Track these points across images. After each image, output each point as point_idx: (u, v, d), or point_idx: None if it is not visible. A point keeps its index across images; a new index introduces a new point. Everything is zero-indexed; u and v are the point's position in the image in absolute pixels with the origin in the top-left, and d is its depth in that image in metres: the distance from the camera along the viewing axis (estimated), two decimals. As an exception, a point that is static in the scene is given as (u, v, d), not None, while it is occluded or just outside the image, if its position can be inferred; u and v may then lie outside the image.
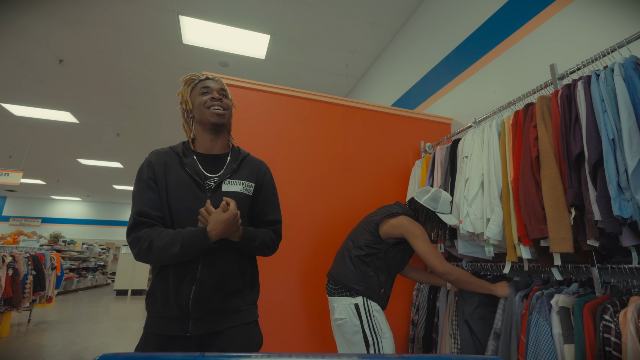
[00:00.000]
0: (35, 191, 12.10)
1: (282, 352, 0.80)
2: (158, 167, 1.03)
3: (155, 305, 0.96)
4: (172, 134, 6.36)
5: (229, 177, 1.05)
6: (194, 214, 0.97)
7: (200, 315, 0.93)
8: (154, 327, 0.95)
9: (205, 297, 0.94)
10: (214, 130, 1.08)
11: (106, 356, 0.41)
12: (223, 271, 0.97)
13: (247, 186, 1.08)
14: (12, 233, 5.65)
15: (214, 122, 1.06)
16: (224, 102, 1.08)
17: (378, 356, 1.07)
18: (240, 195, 1.05)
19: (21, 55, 3.85)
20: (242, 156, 1.13)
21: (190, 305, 0.92)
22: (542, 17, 1.83)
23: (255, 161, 1.16)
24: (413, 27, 3.22)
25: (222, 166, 1.08)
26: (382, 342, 1.35)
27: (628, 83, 1.11)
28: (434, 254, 1.42)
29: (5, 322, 4.17)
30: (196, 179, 1.01)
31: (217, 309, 0.95)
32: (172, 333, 0.92)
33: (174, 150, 1.07)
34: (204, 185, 1.01)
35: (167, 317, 0.94)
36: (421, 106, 2.89)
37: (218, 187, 1.03)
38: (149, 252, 0.91)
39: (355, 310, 1.38)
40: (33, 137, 6.50)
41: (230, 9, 3.17)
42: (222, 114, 1.06)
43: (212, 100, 1.06)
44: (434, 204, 1.57)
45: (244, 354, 0.46)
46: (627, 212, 1.04)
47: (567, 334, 1.13)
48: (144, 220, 0.96)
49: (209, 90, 1.08)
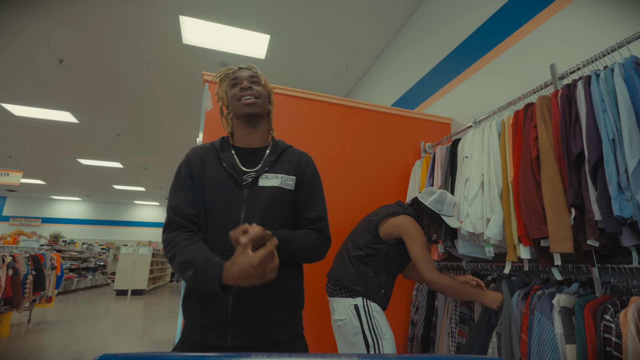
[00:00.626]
0: (35, 191, 12.10)
1: (282, 352, 0.80)
2: (195, 163, 0.99)
3: (193, 312, 0.89)
4: (172, 134, 6.36)
5: (266, 171, 0.98)
6: (229, 212, 0.92)
7: (240, 325, 0.86)
8: (190, 335, 0.89)
9: (245, 305, 0.86)
10: (250, 122, 1.02)
11: (106, 356, 0.41)
12: None
13: (287, 180, 0.99)
14: (12, 233, 5.65)
15: (247, 113, 0.99)
16: (254, 90, 1.01)
17: (378, 356, 1.06)
18: (279, 190, 0.96)
19: (21, 55, 3.85)
20: (281, 148, 1.05)
21: (229, 313, 0.85)
22: (542, 17, 1.83)
23: (296, 152, 1.07)
24: (413, 27, 3.22)
25: (260, 159, 1.01)
26: (382, 343, 1.34)
27: (628, 83, 1.11)
28: (426, 260, 1.42)
29: (5, 322, 4.17)
30: (232, 173, 0.95)
31: (257, 319, 0.87)
32: (211, 343, 0.86)
33: (213, 145, 1.03)
34: (241, 180, 0.95)
35: (205, 326, 0.87)
36: (421, 106, 2.89)
37: (255, 181, 0.96)
38: (172, 263, 0.86)
39: (355, 311, 1.37)
40: (33, 137, 6.50)
41: (230, 9, 3.17)
42: (252, 103, 0.99)
43: (241, 91, 1.00)
44: (439, 206, 1.56)
45: (244, 354, 0.46)
46: (628, 212, 1.04)
47: (569, 334, 1.13)
48: (177, 220, 0.91)
49: (238, 81, 1.02)
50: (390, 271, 1.49)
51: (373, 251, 1.47)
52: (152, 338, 4.26)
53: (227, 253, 0.87)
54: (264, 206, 0.93)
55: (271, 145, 1.05)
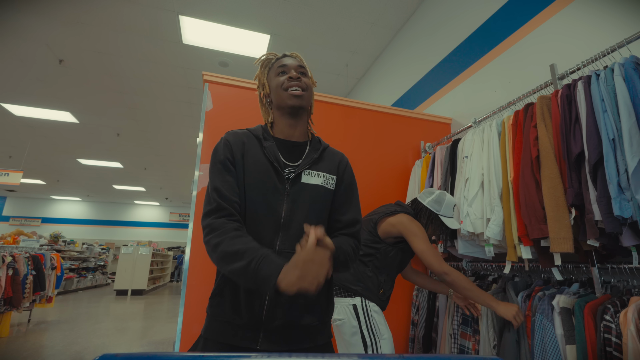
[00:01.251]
0: (35, 191, 12.10)
1: (282, 352, 0.80)
2: (236, 147, 0.92)
3: (223, 308, 0.84)
4: (172, 134, 6.36)
5: (308, 168, 0.93)
6: (270, 205, 0.87)
7: (273, 328, 0.82)
8: (217, 334, 0.83)
9: (280, 307, 0.82)
10: (294, 114, 0.96)
11: (106, 356, 0.41)
12: None
13: (329, 179, 0.95)
14: (12, 233, 5.64)
15: (292, 105, 0.93)
16: (302, 81, 0.95)
17: (378, 356, 1.06)
18: (321, 189, 0.92)
19: (21, 55, 3.85)
20: (323, 146, 1.01)
21: (264, 314, 0.81)
22: (542, 17, 1.83)
23: (335, 152, 1.04)
24: (413, 27, 3.22)
25: (301, 155, 0.96)
26: (380, 343, 1.34)
27: (628, 83, 1.11)
28: (433, 253, 1.41)
29: (5, 322, 4.17)
30: (275, 165, 0.90)
31: (292, 322, 0.83)
32: (240, 344, 0.81)
33: (253, 132, 0.97)
34: (283, 174, 0.90)
35: (236, 325, 0.82)
36: (421, 106, 2.89)
37: (297, 177, 0.91)
38: (215, 250, 0.79)
39: (353, 311, 1.37)
40: (33, 137, 6.50)
41: (230, 9, 3.17)
42: (300, 95, 0.93)
43: (289, 81, 0.94)
44: (437, 206, 1.55)
45: (244, 354, 0.45)
46: (628, 212, 1.04)
47: (569, 335, 1.13)
48: (224, 206, 0.83)
49: (286, 69, 0.96)
50: (390, 271, 1.49)
51: (372, 250, 1.46)
52: (152, 338, 4.26)
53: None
54: (307, 203, 0.89)
55: (312, 142, 1.01)
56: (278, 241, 0.86)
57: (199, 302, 1.53)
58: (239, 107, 1.89)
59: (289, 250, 0.84)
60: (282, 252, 0.84)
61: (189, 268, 1.57)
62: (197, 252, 1.60)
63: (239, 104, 1.89)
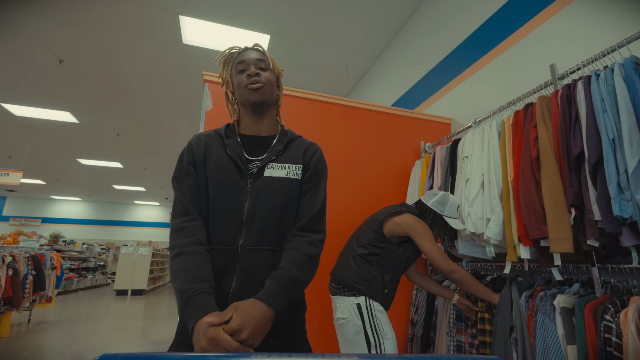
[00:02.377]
0: (35, 191, 12.10)
1: (282, 352, 0.80)
2: (198, 149, 0.93)
3: None
4: (172, 134, 6.36)
5: (272, 160, 0.92)
6: (233, 204, 0.87)
7: None
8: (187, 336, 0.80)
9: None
10: (257, 110, 0.96)
11: (106, 356, 0.41)
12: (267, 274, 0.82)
13: (294, 169, 0.93)
14: (12, 233, 5.65)
15: (254, 101, 0.93)
16: (262, 76, 0.94)
17: (378, 356, 1.06)
18: (285, 180, 0.90)
19: (21, 55, 3.85)
20: (290, 137, 0.98)
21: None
22: (542, 17, 1.83)
23: (305, 142, 1.01)
24: (413, 27, 3.22)
25: (267, 149, 0.95)
26: (384, 342, 1.33)
27: (628, 83, 1.11)
28: (439, 252, 1.42)
29: (5, 322, 4.17)
30: (237, 162, 0.90)
31: None
32: None
33: (217, 132, 0.97)
34: (246, 170, 0.90)
35: None
36: (421, 106, 2.89)
37: (260, 171, 0.90)
38: (171, 261, 0.82)
39: (357, 310, 1.37)
40: (33, 137, 6.50)
41: (230, 9, 3.17)
42: (258, 89, 0.92)
43: (248, 78, 0.93)
44: (441, 207, 1.56)
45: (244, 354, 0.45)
46: (627, 212, 1.04)
47: (570, 335, 1.13)
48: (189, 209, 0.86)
49: (245, 66, 0.95)
50: (395, 271, 1.49)
51: (377, 250, 1.46)
52: (152, 338, 4.27)
53: (227, 248, 0.85)
54: (270, 198, 0.88)
55: (279, 135, 0.99)
56: (241, 238, 0.85)
57: (199, 302, 1.52)
58: (239, 107, 1.89)
59: (251, 246, 0.85)
60: (245, 249, 0.84)
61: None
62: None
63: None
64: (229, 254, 0.85)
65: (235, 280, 0.83)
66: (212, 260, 0.84)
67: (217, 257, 0.85)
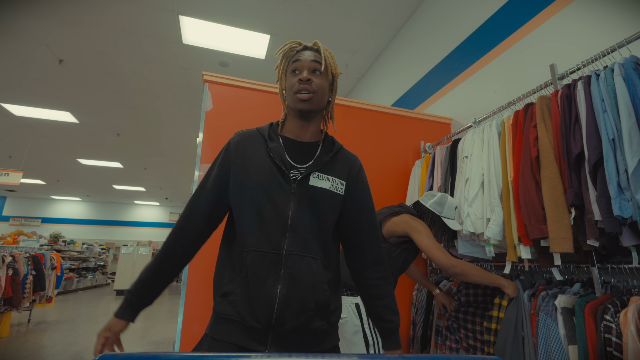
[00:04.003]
0: (35, 191, 12.10)
1: (282, 352, 0.79)
2: (238, 149, 0.91)
3: (235, 307, 0.81)
4: (172, 134, 6.36)
5: (317, 170, 0.89)
6: (276, 205, 0.85)
7: (283, 331, 0.80)
8: (225, 334, 0.81)
9: (291, 311, 0.80)
10: (303, 117, 0.92)
11: (106, 356, 0.41)
12: (310, 281, 0.83)
13: (338, 184, 0.91)
14: (12, 233, 5.65)
15: (300, 109, 0.89)
16: (313, 84, 0.89)
17: (378, 356, 1.06)
18: (328, 193, 0.89)
19: (21, 55, 3.85)
20: (336, 148, 0.95)
21: (274, 317, 0.79)
22: (542, 17, 1.83)
23: (349, 155, 0.98)
24: (413, 27, 3.22)
25: (311, 156, 0.92)
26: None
27: (628, 83, 1.11)
28: (438, 247, 1.41)
29: (5, 322, 4.17)
30: (281, 166, 0.87)
31: (302, 326, 0.81)
32: (249, 347, 0.79)
33: (260, 132, 0.94)
34: (289, 175, 0.87)
35: (247, 327, 0.80)
36: (421, 106, 2.89)
37: (305, 179, 0.87)
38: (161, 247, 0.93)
39: (355, 310, 1.37)
40: (33, 137, 6.50)
41: (230, 9, 3.17)
42: (307, 99, 0.88)
43: (299, 84, 0.89)
44: (439, 208, 1.57)
45: (244, 354, 0.45)
46: (627, 212, 1.04)
47: (571, 335, 1.13)
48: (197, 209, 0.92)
49: (298, 67, 0.91)
50: (394, 271, 1.49)
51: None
52: (152, 338, 4.26)
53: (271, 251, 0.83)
54: (314, 205, 0.86)
55: (324, 143, 0.96)
56: (286, 242, 0.83)
57: (199, 302, 1.53)
58: (239, 107, 1.89)
59: (297, 252, 0.83)
60: (290, 254, 0.83)
61: (189, 268, 1.57)
62: (197, 252, 1.60)
63: (239, 104, 1.89)
64: (273, 257, 0.82)
65: (281, 285, 0.81)
66: (254, 263, 0.82)
67: (259, 260, 0.82)
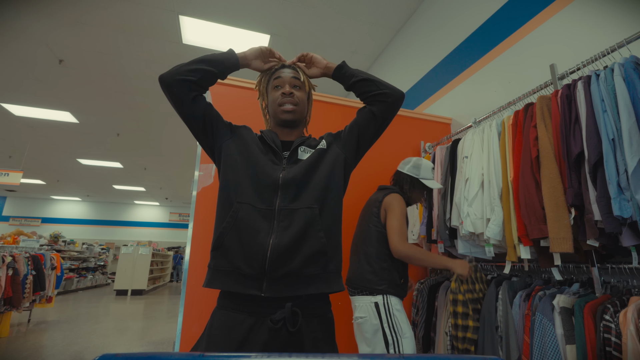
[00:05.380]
0: (35, 191, 12.10)
1: (282, 352, 0.80)
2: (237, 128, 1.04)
3: (227, 259, 0.87)
4: (172, 134, 6.36)
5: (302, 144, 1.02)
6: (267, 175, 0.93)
7: (277, 276, 0.84)
8: (222, 284, 0.87)
9: (284, 255, 0.85)
10: (287, 126, 1.06)
11: (106, 356, 0.41)
12: (303, 230, 0.88)
13: (321, 144, 1.04)
14: (12, 233, 5.64)
15: (285, 120, 1.03)
16: (295, 97, 1.03)
17: (378, 356, 1.06)
18: (314, 153, 1.00)
19: (21, 55, 3.85)
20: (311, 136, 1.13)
21: (267, 264, 0.84)
22: (542, 17, 1.83)
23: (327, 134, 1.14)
24: (413, 27, 3.22)
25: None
26: (402, 341, 1.32)
27: (628, 83, 1.11)
28: (399, 231, 1.42)
29: (5, 322, 4.17)
30: (272, 145, 0.99)
31: (294, 271, 0.85)
32: (246, 292, 0.84)
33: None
34: (281, 154, 0.99)
35: (241, 274, 0.85)
36: (421, 106, 2.89)
37: (294, 152, 1.00)
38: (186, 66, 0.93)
39: (375, 309, 1.36)
40: (33, 137, 6.50)
41: (230, 9, 3.17)
42: (292, 111, 1.02)
43: (282, 97, 1.02)
44: (416, 170, 1.63)
45: (244, 354, 0.46)
46: (627, 212, 1.04)
47: (569, 335, 1.13)
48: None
49: (280, 83, 1.04)
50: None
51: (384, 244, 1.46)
52: (152, 338, 4.27)
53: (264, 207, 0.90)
54: (304, 167, 0.95)
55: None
56: (278, 199, 0.91)
57: (199, 302, 1.53)
58: (239, 107, 1.89)
59: (289, 207, 0.90)
60: (283, 209, 0.90)
61: (189, 268, 1.57)
62: (197, 252, 1.60)
63: (239, 104, 1.89)
64: (266, 213, 0.89)
65: (274, 235, 0.86)
66: (247, 215, 0.89)
67: (252, 213, 0.89)
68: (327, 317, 0.93)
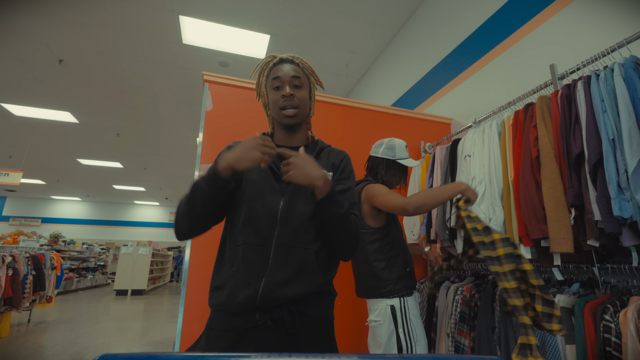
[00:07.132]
0: (35, 191, 12.11)
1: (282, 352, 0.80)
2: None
3: (220, 298, 0.86)
4: (172, 134, 6.36)
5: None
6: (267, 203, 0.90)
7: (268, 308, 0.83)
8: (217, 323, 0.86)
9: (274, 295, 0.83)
10: (289, 129, 1.01)
11: (106, 356, 0.41)
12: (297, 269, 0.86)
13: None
14: (12, 233, 5.64)
15: (287, 123, 0.98)
16: (295, 99, 0.96)
17: (377, 356, 1.06)
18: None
19: (21, 55, 3.85)
20: (319, 147, 1.04)
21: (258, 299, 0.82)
22: (542, 17, 1.83)
23: (335, 151, 1.06)
24: (413, 27, 3.22)
25: None
26: (416, 349, 1.29)
27: (628, 83, 1.11)
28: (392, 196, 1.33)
29: (5, 322, 4.17)
30: (272, 167, 0.94)
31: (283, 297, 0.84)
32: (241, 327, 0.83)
33: None
34: (280, 175, 0.92)
35: (234, 312, 0.85)
36: (421, 106, 2.89)
37: None
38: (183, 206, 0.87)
39: (390, 313, 1.33)
40: (33, 137, 6.50)
41: (230, 9, 3.17)
42: (292, 115, 0.96)
43: (283, 99, 0.96)
44: (391, 152, 1.56)
45: (244, 354, 0.46)
46: (627, 212, 1.04)
47: (569, 334, 1.13)
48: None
49: (280, 83, 0.97)
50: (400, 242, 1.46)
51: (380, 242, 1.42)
52: (152, 338, 4.27)
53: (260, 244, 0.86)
54: (303, 200, 0.91)
55: (310, 144, 1.05)
56: (275, 237, 0.88)
57: (199, 302, 1.53)
58: (239, 107, 1.89)
59: (285, 244, 0.87)
60: (279, 245, 0.87)
61: (188, 268, 1.57)
62: (197, 252, 1.60)
63: (239, 104, 1.89)
64: (262, 249, 0.87)
65: (267, 274, 0.84)
66: (245, 255, 0.87)
67: (249, 252, 0.87)
68: (326, 317, 0.93)
